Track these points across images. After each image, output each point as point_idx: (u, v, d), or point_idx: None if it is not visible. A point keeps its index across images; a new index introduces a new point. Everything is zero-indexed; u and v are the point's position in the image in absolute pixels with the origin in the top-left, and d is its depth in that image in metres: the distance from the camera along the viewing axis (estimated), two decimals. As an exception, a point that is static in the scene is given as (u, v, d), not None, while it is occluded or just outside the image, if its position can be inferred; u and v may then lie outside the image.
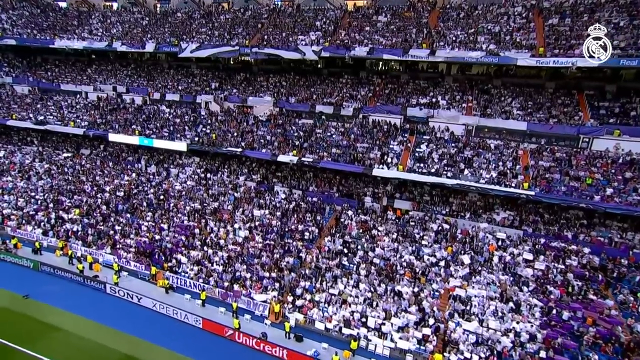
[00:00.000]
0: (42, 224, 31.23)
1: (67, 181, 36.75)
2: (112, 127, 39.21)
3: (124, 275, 26.38)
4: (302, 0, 42.88)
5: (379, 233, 28.14)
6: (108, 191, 34.74)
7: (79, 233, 30.11)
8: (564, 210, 27.66)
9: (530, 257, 24.65)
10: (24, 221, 31.67)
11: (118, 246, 28.57)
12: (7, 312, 22.14)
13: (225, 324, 21.60)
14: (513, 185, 26.94)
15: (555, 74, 33.37)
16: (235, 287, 24.20)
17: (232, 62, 44.03)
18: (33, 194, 34.71)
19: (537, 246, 25.67)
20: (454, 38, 32.80)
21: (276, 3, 43.80)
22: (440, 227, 28.05)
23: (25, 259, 27.22)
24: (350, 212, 30.28)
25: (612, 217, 26.18)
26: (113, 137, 38.46)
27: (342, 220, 29.77)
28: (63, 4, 50.52)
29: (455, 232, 27.74)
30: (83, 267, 26.30)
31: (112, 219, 31.39)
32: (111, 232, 30.11)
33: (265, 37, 37.90)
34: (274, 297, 23.35)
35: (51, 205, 33.28)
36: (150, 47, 40.50)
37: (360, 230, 28.40)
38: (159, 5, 48.70)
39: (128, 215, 31.84)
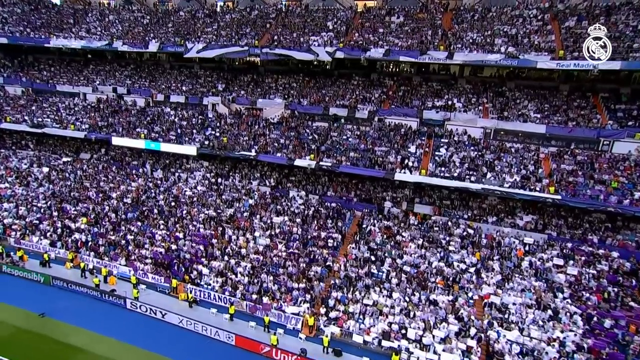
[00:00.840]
0: (49, 234, 29.55)
1: (70, 187, 35.00)
2: (115, 130, 37.54)
3: (142, 288, 25.07)
4: (310, 1, 41.92)
5: (404, 239, 27.61)
6: (115, 198, 33.21)
7: (89, 243, 28.59)
8: (586, 214, 27.64)
9: (560, 262, 24.49)
10: (27, 231, 29.92)
11: (132, 257, 27.21)
12: (25, 333, 20.61)
13: (259, 339, 20.63)
14: (538, 189, 26.74)
15: (568, 76, 33.51)
16: (265, 299, 23.26)
17: (236, 63, 42.82)
18: (35, 201, 32.88)
19: (564, 251, 25.57)
20: (470, 40, 32.46)
21: (283, 3, 42.69)
22: (465, 232, 27.68)
23: (35, 272, 25.57)
24: (372, 218, 29.62)
25: (636, 220, 26.24)
26: (117, 140, 36.84)
27: (364, 226, 29.09)
28: (56, 1, 48.24)
29: (480, 238, 27.42)
30: (99, 281, 24.89)
31: (123, 228, 29.95)
32: (123, 242, 28.72)
33: (275, 37, 36.89)
34: (308, 308, 22.49)
35: (55, 213, 31.59)
36: (153, 46, 38.95)
37: (385, 237, 27.80)
38: (158, 4, 46.96)
39: (139, 223, 30.46)
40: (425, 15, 36.47)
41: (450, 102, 33.30)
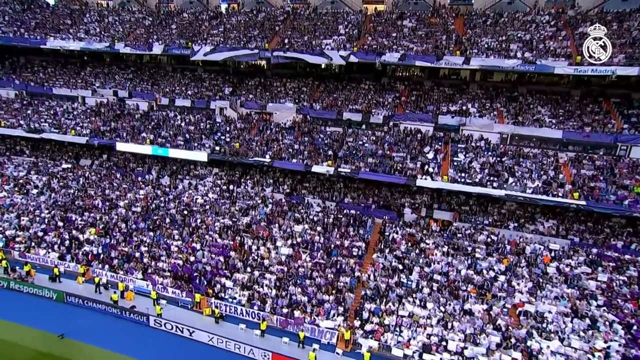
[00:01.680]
0: (56, 246, 27.95)
1: (73, 196, 33.32)
2: (119, 135, 36.01)
3: (163, 304, 23.82)
4: (319, 3, 41.22)
5: (428, 246, 27.18)
6: (123, 206, 31.74)
7: (101, 256, 27.16)
8: (606, 219, 27.80)
9: (588, 269, 24.43)
10: (33, 243, 28.24)
11: (150, 270, 25.93)
12: (46, 357, 19.19)
13: (297, 357, 19.77)
14: (560, 194, 26.72)
15: (579, 81, 33.77)
16: (296, 313, 22.41)
17: (242, 66, 41.77)
18: (37, 211, 31.12)
19: (590, 256, 25.58)
20: (485, 45, 32.35)
21: (289, 5, 41.79)
22: (489, 239, 27.44)
23: (47, 289, 24.05)
24: (394, 225, 29.10)
25: (657, 225, 26.52)
26: (121, 146, 35.33)
27: (386, 233, 28.54)
28: (51, 1, 46.14)
29: (504, 244, 27.22)
30: (117, 297, 23.56)
31: (135, 239, 28.59)
32: (137, 254, 27.37)
33: (286, 40, 36.06)
34: (343, 321, 21.74)
35: (60, 224, 29.95)
36: (158, 49, 37.60)
37: (409, 244, 27.32)
38: (160, 5, 45.38)
39: (151, 233, 29.14)
40: (437, 20, 36.24)
41: (464, 107, 33.13)
